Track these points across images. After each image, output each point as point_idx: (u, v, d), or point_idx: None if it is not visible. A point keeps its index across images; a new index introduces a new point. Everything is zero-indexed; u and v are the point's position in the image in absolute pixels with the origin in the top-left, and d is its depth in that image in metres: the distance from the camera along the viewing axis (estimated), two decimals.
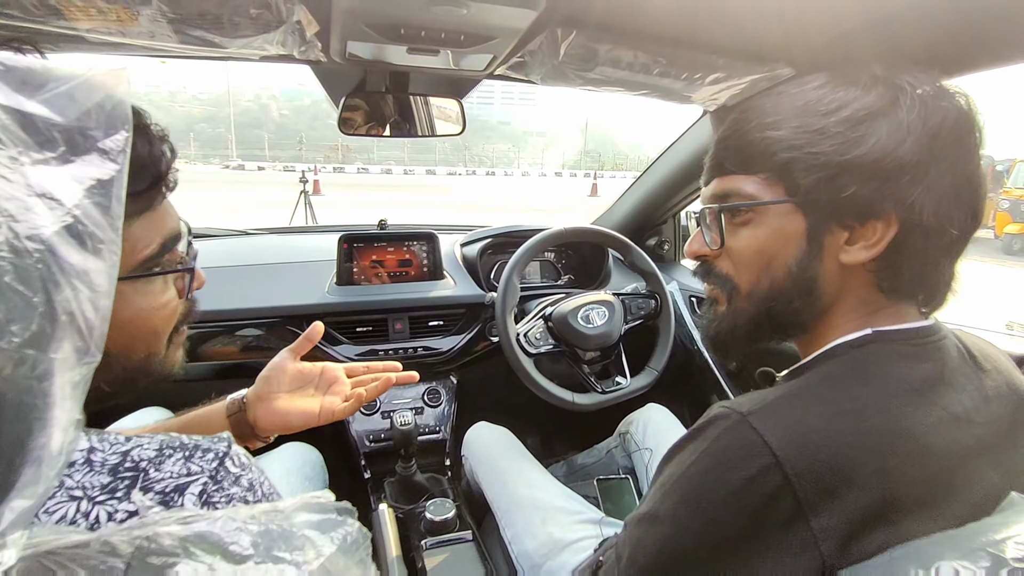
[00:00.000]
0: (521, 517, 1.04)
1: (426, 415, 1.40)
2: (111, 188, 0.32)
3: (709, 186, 0.59)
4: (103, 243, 0.32)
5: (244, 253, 1.48)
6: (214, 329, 1.27)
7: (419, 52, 0.82)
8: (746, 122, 0.54)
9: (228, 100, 49.83)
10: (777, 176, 0.52)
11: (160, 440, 0.43)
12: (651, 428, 1.30)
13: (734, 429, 0.47)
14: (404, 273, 1.45)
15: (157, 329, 0.49)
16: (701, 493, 0.47)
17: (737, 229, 0.55)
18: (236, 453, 0.46)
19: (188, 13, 0.66)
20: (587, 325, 1.22)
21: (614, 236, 1.35)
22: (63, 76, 0.30)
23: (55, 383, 0.30)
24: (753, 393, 0.52)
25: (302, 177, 7.36)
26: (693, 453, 0.49)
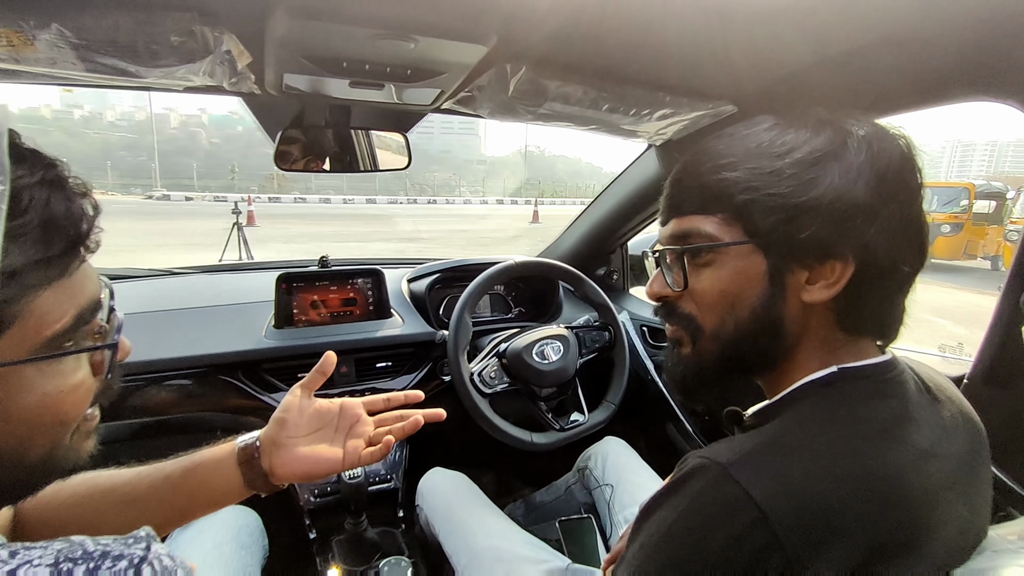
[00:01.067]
0: (483, 571, 0.97)
1: (375, 463, 1.31)
2: None
3: (667, 226, 0.57)
4: None
5: (169, 296, 1.35)
6: (133, 383, 1.14)
7: (362, 86, 0.78)
8: (700, 164, 0.54)
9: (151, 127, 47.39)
10: (736, 217, 0.51)
11: (56, 553, 0.35)
12: (611, 462, 1.27)
13: (716, 484, 0.44)
14: (348, 312, 1.36)
15: (66, 417, 0.40)
16: (688, 556, 0.44)
17: (699, 270, 0.54)
18: (157, 556, 0.38)
19: (95, 40, 0.59)
20: (542, 361, 1.19)
21: (566, 269, 1.33)
22: None
23: None
24: (729, 441, 0.50)
25: (235, 208, 7.04)
26: (674, 510, 0.46)
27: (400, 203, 29.51)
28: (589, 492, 1.31)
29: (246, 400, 1.21)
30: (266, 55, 0.67)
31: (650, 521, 0.49)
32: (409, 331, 1.36)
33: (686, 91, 0.88)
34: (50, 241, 0.36)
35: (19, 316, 0.34)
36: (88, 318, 0.39)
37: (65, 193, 0.37)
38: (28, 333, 0.35)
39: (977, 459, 0.53)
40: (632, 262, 1.70)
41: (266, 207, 20.70)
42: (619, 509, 1.18)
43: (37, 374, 0.37)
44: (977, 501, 0.52)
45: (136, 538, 0.39)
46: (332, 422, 0.70)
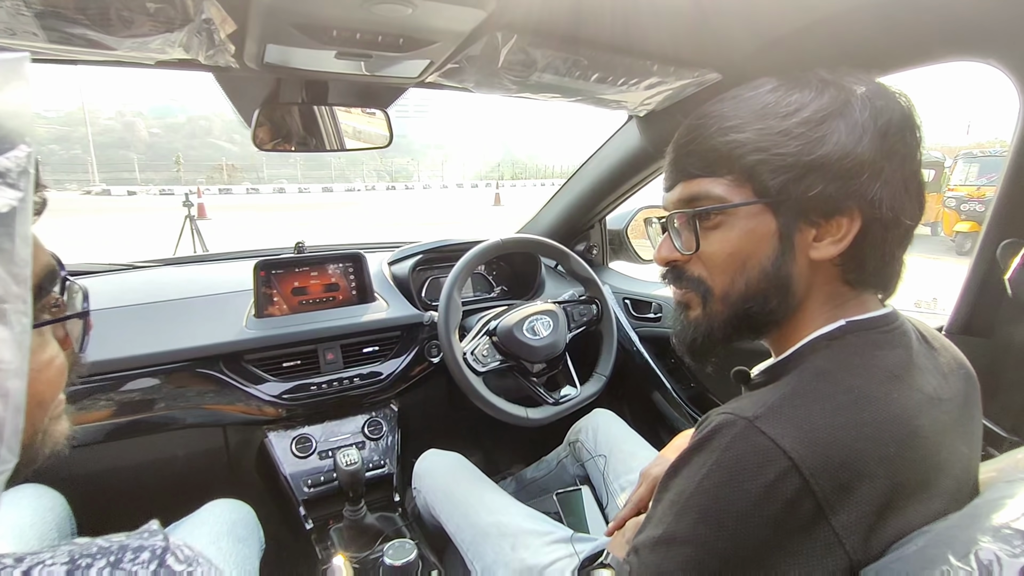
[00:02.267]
0: (489, 547, 0.98)
1: (368, 449, 1.30)
2: (12, 225, 0.23)
3: (674, 191, 0.58)
4: (6, 302, 0.23)
5: (136, 290, 1.28)
6: (102, 383, 1.08)
7: (348, 57, 0.75)
8: (706, 127, 0.55)
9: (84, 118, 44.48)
10: (745, 178, 0.52)
11: (67, 550, 0.33)
12: (602, 433, 1.29)
13: (744, 436, 0.45)
14: (331, 298, 1.33)
15: (42, 397, 0.37)
16: (721, 508, 0.45)
17: (709, 232, 0.55)
18: (177, 546, 0.37)
19: (65, 5, 0.54)
20: (534, 337, 1.19)
21: (551, 244, 1.33)
22: None
23: None
24: (748, 397, 0.52)
25: (186, 200, 6.72)
26: (703, 466, 0.47)
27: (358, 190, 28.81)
28: (582, 464, 1.33)
29: (227, 393, 1.17)
30: (250, 24, 0.63)
31: (678, 478, 0.50)
32: (395, 314, 1.34)
33: (673, 59, 0.88)
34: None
35: None
36: (48, 288, 0.36)
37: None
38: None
39: (970, 402, 0.56)
40: (610, 237, 1.71)
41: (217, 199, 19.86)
42: (614, 478, 1.21)
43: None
44: (973, 440, 0.55)
45: (151, 531, 0.37)
46: None
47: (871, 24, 0.70)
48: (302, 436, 1.24)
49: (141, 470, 1.24)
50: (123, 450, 1.18)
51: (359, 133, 1.08)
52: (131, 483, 1.22)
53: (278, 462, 1.21)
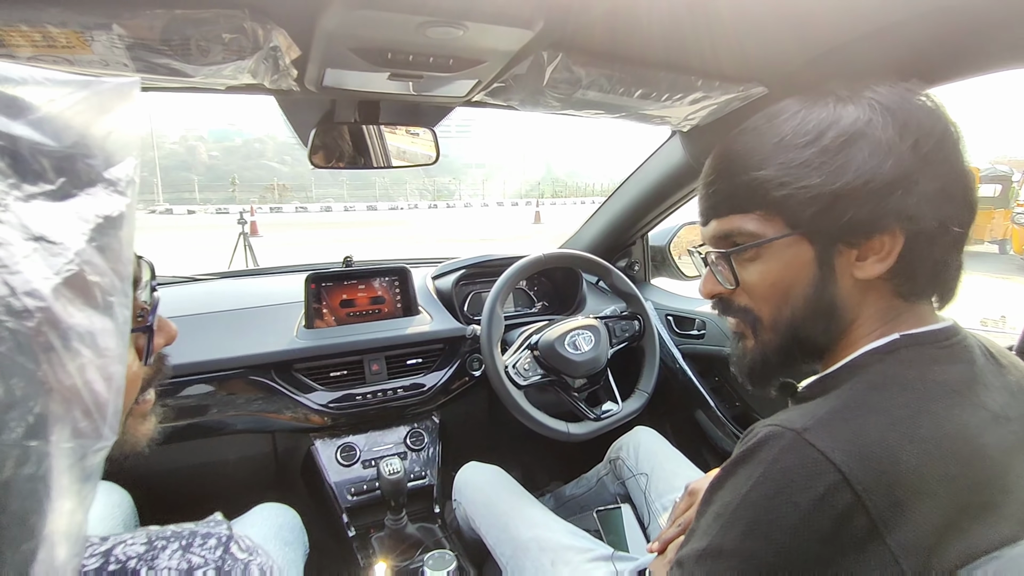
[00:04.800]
0: (529, 562, 0.98)
1: (410, 460, 1.32)
2: (120, 227, 0.26)
3: (708, 227, 0.59)
4: (112, 295, 0.25)
5: (194, 301, 1.36)
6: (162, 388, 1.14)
7: (400, 78, 0.79)
8: (729, 165, 0.55)
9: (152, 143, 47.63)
10: (775, 211, 0.52)
11: (146, 533, 0.36)
12: (643, 451, 1.27)
13: (792, 448, 0.44)
14: (377, 311, 1.37)
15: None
16: (769, 521, 0.44)
17: (747, 265, 0.55)
18: (240, 536, 0.39)
19: (151, 38, 0.59)
20: (575, 351, 1.19)
21: (594, 260, 1.34)
22: (62, 90, 0.24)
23: (55, 481, 0.23)
24: (797, 409, 0.51)
25: (240, 218, 7.07)
26: (749, 478, 0.46)
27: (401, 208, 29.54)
28: (622, 482, 1.31)
29: (277, 401, 1.22)
30: (313, 49, 0.68)
31: (723, 491, 0.49)
32: (438, 327, 1.36)
33: (717, 74, 0.88)
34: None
35: None
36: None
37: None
38: None
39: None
40: (652, 253, 1.70)
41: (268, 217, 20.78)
42: (656, 497, 1.18)
43: None
44: None
45: (216, 521, 0.40)
46: None
47: (928, 33, 0.68)
48: (347, 445, 1.28)
49: (195, 472, 1.30)
50: (179, 453, 1.23)
51: (407, 151, 1.12)
52: (186, 484, 1.28)
53: (323, 469, 1.25)
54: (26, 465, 0.22)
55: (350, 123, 1.01)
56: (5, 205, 0.22)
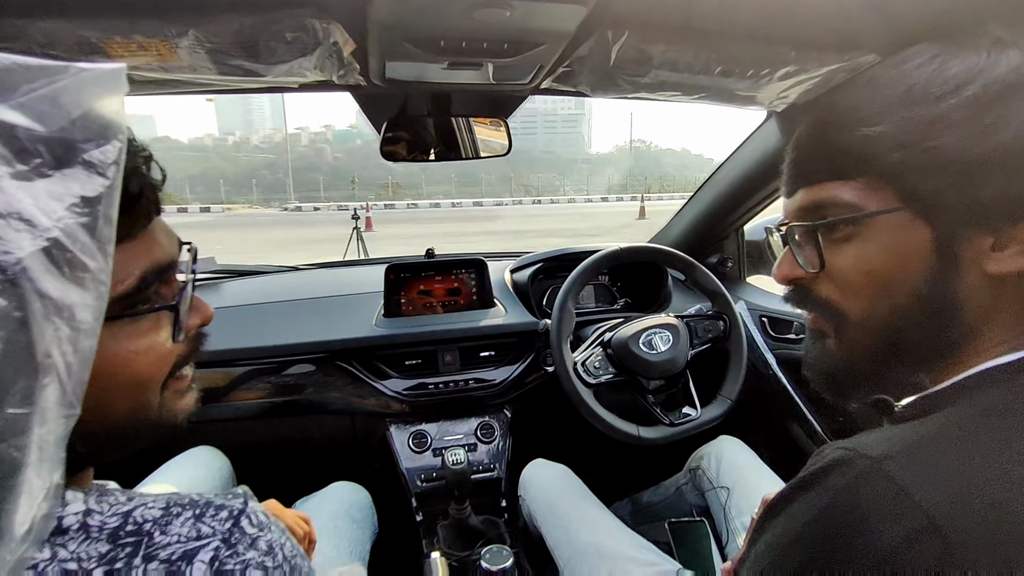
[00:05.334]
0: (586, 567, 0.94)
1: (479, 452, 1.33)
2: (98, 207, 0.27)
3: (793, 198, 0.49)
4: (88, 271, 0.26)
5: (292, 288, 1.47)
6: (263, 366, 1.25)
7: (460, 67, 0.78)
8: (833, 120, 0.45)
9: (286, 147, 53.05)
10: (885, 179, 0.42)
11: (167, 498, 0.38)
12: (725, 463, 1.17)
13: (866, 481, 0.37)
14: (453, 302, 1.39)
15: (140, 378, 0.40)
16: (831, 562, 0.36)
17: (838, 246, 0.45)
18: (254, 511, 0.40)
19: (225, 41, 0.64)
20: (650, 351, 1.12)
21: (674, 254, 1.25)
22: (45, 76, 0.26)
23: (31, 443, 0.25)
24: (880, 432, 0.42)
25: (354, 214, 7.61)
26: (810, 508, 0.39)
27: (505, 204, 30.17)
28: (702, 494, 1.22)
29: (359, 385, 1.28)
30: (369, 42, 0.69)
31: (779, 519, 0.43)
32: (512, 320, 1.36)
33: (814, 43, 0.77)
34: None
35: None
36: (152, 279, 0.39)
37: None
38: None
39: None
40: (748, 248, 1.56)
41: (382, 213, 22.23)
42: (736, 514, 1.08)
43: (108, 335, 0.36)
44: None
45: (235, 494, 0.41)
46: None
47: None
48: (419, 432, 1.31)
49: (285, 446, 1.41)
50: (273, 428, 1.35)
51: (480, 142, 1.12)
52: (276, 457, 1.39)
53: (397, 455, 1.29)
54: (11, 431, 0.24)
55: (422, 115, 1.03)
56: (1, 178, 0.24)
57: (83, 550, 0.33)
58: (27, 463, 0.24)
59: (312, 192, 39.63)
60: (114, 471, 1.26)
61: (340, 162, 68.02)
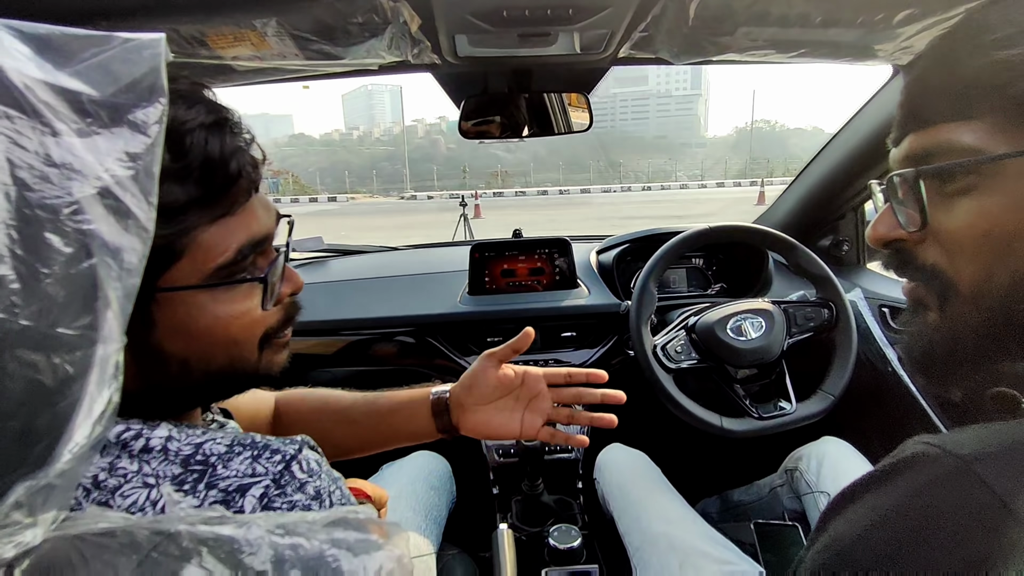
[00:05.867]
0: (656, 557, 0.90)
1: None
2: (140, 161, 0.30)
3: (901, 146, 0.42)
4: (132, 217, 0.30)
5: (390, 266, 1.56)
6: (362, 336, 1.34)
7: (530, 39, 0.77)
8: (956, 47, 0.38)
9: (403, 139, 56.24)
10: (1016, 117, 0.34)
11: (233, 437, 0.42)
12: (827, 467, 1.06)
13: (951, 481, 0.31)
14: (536, 282, 1.40)
15: (237, 338, 0.45)
16: (899, 565, 0.32)
17: (950, 201, 0.38)
18: (306, 458, 0.43)
19: (304, 27, 0.69)
20: (738, 338, 1.04)
21: (772, 234, 1.14)
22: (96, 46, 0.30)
23: (93, 362, 0.29)
24: (978, 429, 0.35)
25: (462, 201, 7.94)
26: (874, 509, 0.34)
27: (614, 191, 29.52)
28: (799, 498, 1.11)
29: (444, 360, 1.33)
30: (436, 19, 0.70)
31: (840, 519, 0.38)
32: (594, 302, 1.33)
33: None
34: (210, 180, 0.40)
35: (188, 248, 0.40)
36: (248, 252, 0.43)
37: (222, 137, 0.41)
38: (197, 263, 0.40)
39: None
40: None
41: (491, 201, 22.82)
42: None
43: (210, 300, 0.42)
44: None
45: (293, 440, 0.44)
46: (514, 392, 0.74)
47: None
48: None
49: None
50: None
51: (560, 119, 1.10)
52: None
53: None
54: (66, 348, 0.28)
55: (503, 92, 1.03)
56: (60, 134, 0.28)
57: (161, 469, 0.38)
58: (84, 380, 0.28)
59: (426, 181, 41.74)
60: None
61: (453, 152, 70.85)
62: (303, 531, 0.31)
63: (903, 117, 0.42)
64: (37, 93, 0.27)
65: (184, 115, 0.39)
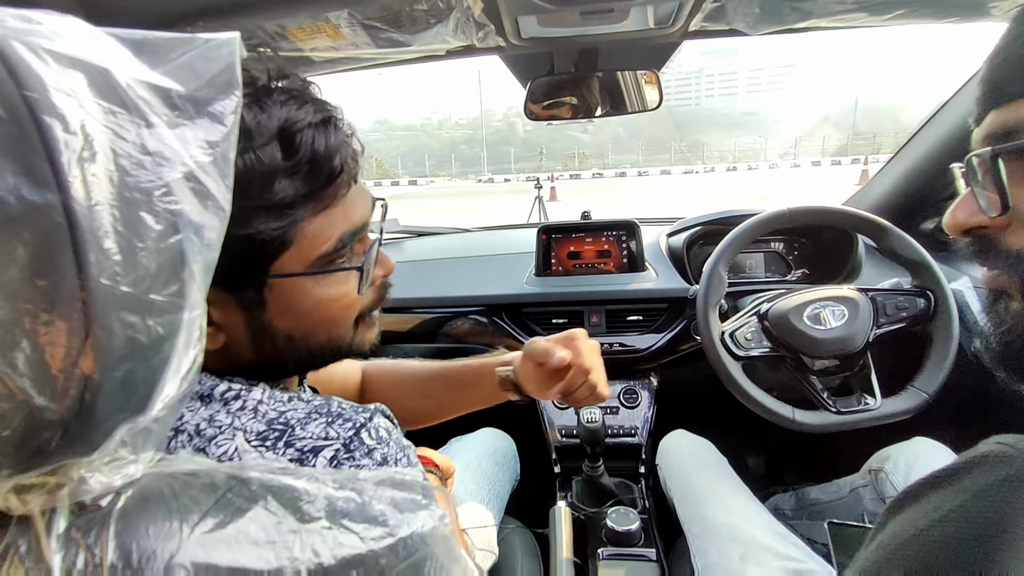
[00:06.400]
0: (716, 547, 0.88)
1: (621, 416, 1.31)
2: (218, 148, 0.34)
3: (983, 124, 0.39)
4: (211, 198, 0.34)
5: (461, 247, 1.61)
6: (435, 314, 1.39)
7: (594, 16, 0.76)
8: None
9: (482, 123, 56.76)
10: None
11: (313, 405, 0.46)
12: (917, 470, 0.98)
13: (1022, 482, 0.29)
14: (602, 264, 1.38)
15: (335, 318, 0.50)
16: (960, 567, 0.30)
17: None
18: (376, 426, 0.46)
19: (373, 16, 0.72)
20: (816, 327, 0.98)
21: (861, 216, 1.05)
22: (182, 46, 0.33)
23: (180, 327, 0.33)
24: None
25: (537, 183, 7.90)
26: (937, 509, 0.33)
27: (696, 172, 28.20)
28: (882, 501, 1.04)
29: (510, 339, 1.36)
30: (498, 0, 0.71)
31: (898, 518, 0.36)
32: (662, 286, 1.30)
33: None
34: (316, 176, 0.43)
35: (295, 239, 0.44)
36: (347, 241, 0.47)
37: (328, 133, 0.44)
38: (303, 252, 0.45)
39: None
40: None
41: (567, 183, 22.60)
42: None
43: (313, 284, 0.47)
44: None
45: (366, 408, 0.48)
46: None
47: None
48: None
49: None
50: None
51: (635, 96, 1.08)
52: None
53: (542, 408, 1.35)
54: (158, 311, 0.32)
55: (570, 72, 1.02)
56: (153, 126, 0.32)
57: (249, 424, 0.43)
58: (174, 340, 0.32)
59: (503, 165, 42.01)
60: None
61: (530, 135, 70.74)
62: (356, 487, 0.34)
63: (984, 92, 0.39)
64: (136, 91, 0.32)
65: (295, 115, 0.42)
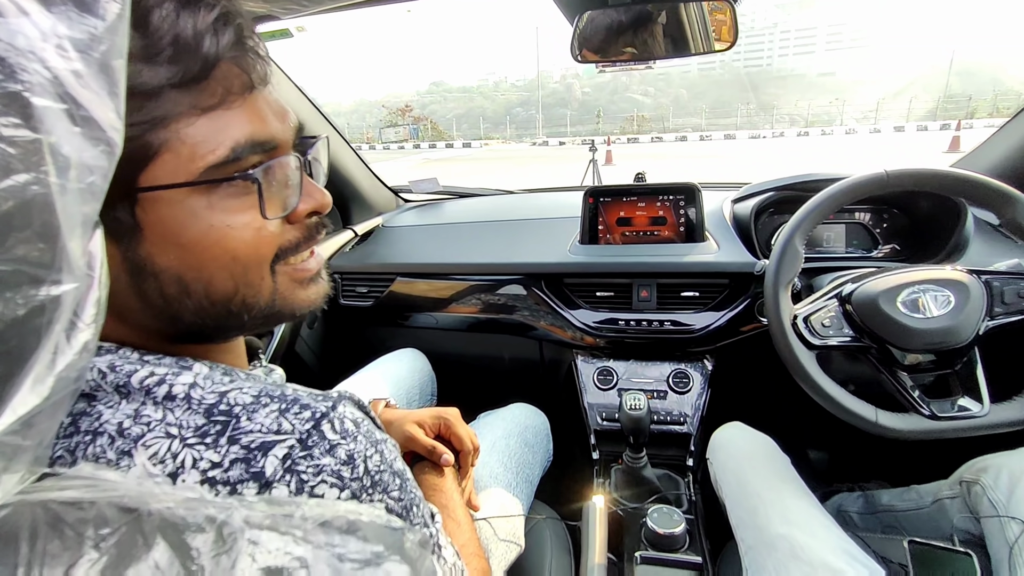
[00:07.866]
0: (772, 563, 0.77)
1: (669, 401, 1.19)
2: (93, 52, 0.25)
3: None
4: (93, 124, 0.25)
5: (503, 210, 1.50)
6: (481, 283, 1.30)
7: None
8: None
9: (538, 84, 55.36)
10: None
11: (261, 388, 0.37)
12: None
13: None
14: (655, 233, 1.24)
15: (237, 255, 0.39)
16: None
17: None
18: (340, 416, 0.37)
19: None
20: (913, 314, 0.82)
21: (980, 181, 0.86)
22: None
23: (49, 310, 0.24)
24: None
25: (591, 146, 7.62)
26: None
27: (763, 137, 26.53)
28: (975, 519, 0.89)
29: (550, 311, 1.25)
30: None
31: None
32: (724, 259, 1.15)
33: None
34: (182, 62, 0.34)
35: (169, 143, 0.34)
36: (244, 153, 0.37)
37: (198, 15, 0.34)
38: (183, 160, 0.35)
39: None
40: None
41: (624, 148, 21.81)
42: None
43: (204, 206, 0.36)
44: None
45: (327, 396, 0.39)
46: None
47: None
48: (606, 369, 1.24)
49: (477, 360, 1.48)
50: (471, 341, 1.42)
51: (699, 35, 0.91)
52: (469, 368, 1.46)
53: (582, 387, 1.25)
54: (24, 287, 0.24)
55: (625, 4, 0.87)
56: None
57: (184, 418, 0.35)
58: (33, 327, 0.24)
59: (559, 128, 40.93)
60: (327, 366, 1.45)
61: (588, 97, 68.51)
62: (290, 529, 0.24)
63: None
64: None
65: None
